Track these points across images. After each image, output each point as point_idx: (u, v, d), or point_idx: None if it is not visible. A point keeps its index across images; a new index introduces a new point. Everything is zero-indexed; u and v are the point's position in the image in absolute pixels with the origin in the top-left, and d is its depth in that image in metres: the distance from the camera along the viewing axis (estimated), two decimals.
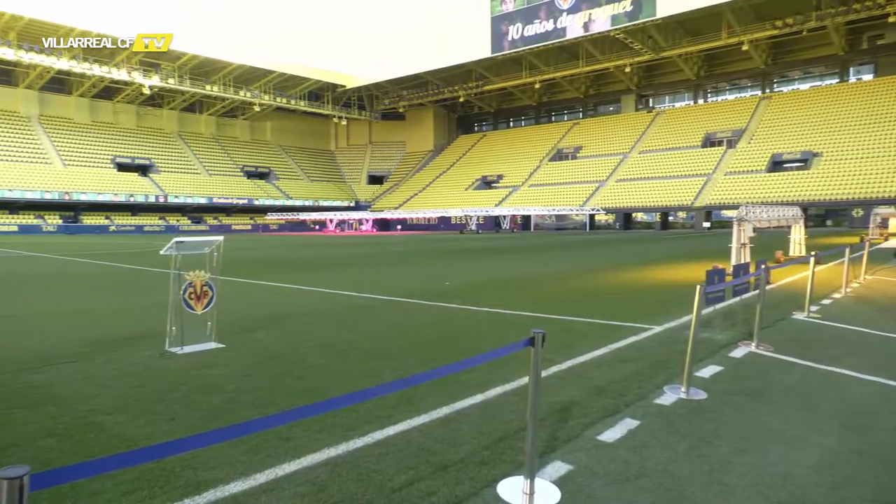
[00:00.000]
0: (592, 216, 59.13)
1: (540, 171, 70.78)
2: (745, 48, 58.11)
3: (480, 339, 6.85)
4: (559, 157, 72.97)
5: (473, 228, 57.34)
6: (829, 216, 48.13)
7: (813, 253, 8.93)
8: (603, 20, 57.48)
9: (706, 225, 51.18)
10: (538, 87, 74.54)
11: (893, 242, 24.90)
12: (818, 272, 10.41)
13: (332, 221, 67.64)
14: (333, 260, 20.90)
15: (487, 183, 73.49)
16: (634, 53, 62.96)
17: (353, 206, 79.16)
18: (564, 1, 59.67)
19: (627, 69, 67.06)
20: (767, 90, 65.94)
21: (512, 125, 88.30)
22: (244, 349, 6.24)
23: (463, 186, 74.16)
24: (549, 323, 7.71)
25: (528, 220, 63.64)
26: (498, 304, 9.42)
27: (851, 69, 61.37)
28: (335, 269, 17.12)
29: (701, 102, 70.43)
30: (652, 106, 74.60)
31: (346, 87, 78.09)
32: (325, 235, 53.75)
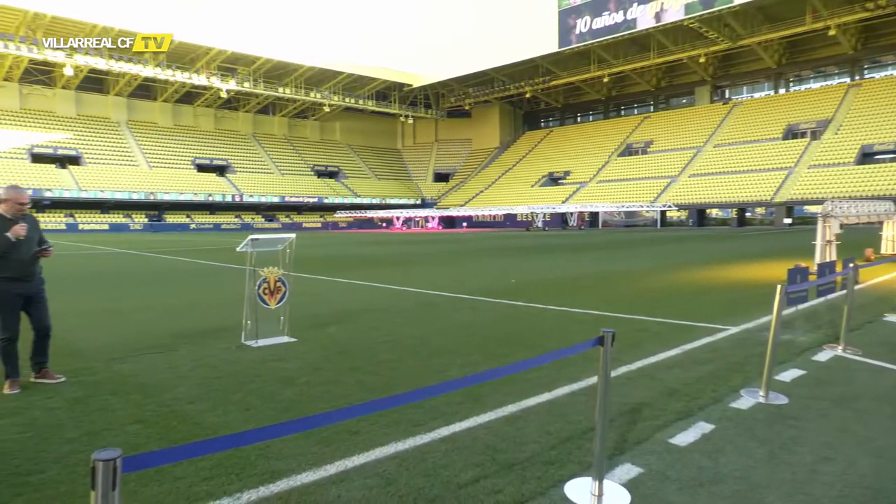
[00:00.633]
0: (664, 213, 57.29)
1: (609, 166, 69.20)
2: (832, 33, 54.56)
3: (546, 337, 6.78)
4: (629, 152, 71.08)
5: (540, 226, 56.74)
6: None
7: None
8: (676, 9, 55.42)
9: (787, 221, 48.56)
10: (607, 80, 72.81)
11: None
12: None
13: (398, 219, 68.59)
14: (400, 257, 21.19)
15: (554, 179, 72.52)
16: (710, 43, 60.41)
17: (419, 203, 79.97)
18: None
19: (702, 59, 64.36)
20: (857, 77, 61.68)
21: (579, 120, 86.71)
22: (315, 343, 6.42)
23: (529, 183, 73.49)
24: (618, 322, 7.54)
25: (596, 216, 62.37)
26: (564, 302, 9.29)
27: None
28: (402, 266, 17.35)
29: (782, 92, 66.74)
30: (728, 97, 71.36)
31: (412, 86, 78.92)
32: (391, 233, 54.59)
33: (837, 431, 3.76)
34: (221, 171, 70.72)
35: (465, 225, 71.42)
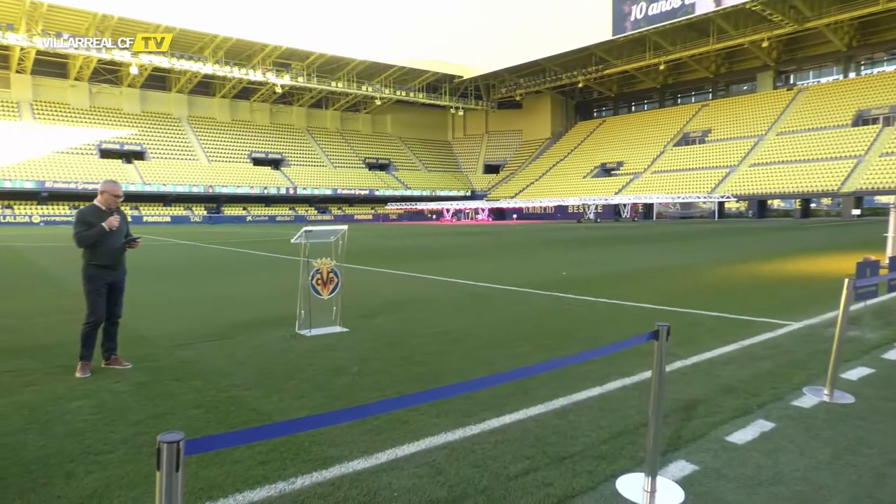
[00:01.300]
0: (721, 204, 55.43)
1: (664, 156, 67.38)
2: None
3: (598, 330, 6.68)
4: (685, 141, 68.99)
5: (592, 217, 55.83)
6: None
7: None
8: None
9: (856, 212, 46.21)
10: (663, 68, 70.70)
11: None
12: None
13: (448, 211, 68.74)
14: (450, 249, 21.25)
15: (607, 170, 71.16)
16: (773, 26, 57.83)
17: (468, 195, 79.94)
18: None
19: (765, 44, 61.64)
20: None
21: (633, 109, 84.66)
22: (366, 334, 6.52)
23: (581, 174, 72.37)
24: (672, 316, 7.35)
25: (650, 208, 60.91)
26: (617, 295, 9.12)
27: None
28: (452, 258, 17.40)
29: (852, 76, 63.27)
30: (793, 83, 68.22)
31: (462, 77, 78.74)
32: (441, 225, 54.78)
33: None
34: (276, 164, 72.48)
35: (515, 217, 71.01)
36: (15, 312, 8.12)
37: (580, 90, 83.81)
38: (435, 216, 73.36)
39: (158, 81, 69.23)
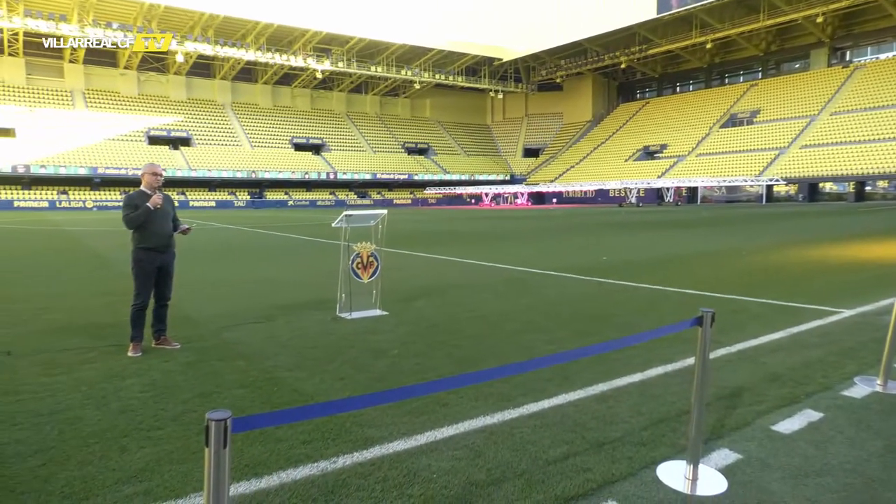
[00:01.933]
0: (770, 187, 53.62)
1: (710, 138, 65.44)
2: None
3: (638, 316, 6.58)
4: (732, 122, 66.80)
5: (633, 201, 54.80)
6: None
7: None
8: None
9: None
10: (710, 46, 68.28)
11: None
12: None
13: (487, 195, 68.46)
14: (489, 233, 21.19)
15: (650, 153, 69.58)
16: (828, 0, 55.21)
17: (508, 179, 79.39)
18: None
19: (819, 19, 58.82)
20: None
21: (678, 90, 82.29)
22: (406, 317, 6.58)
23: (623, 157, 70.97)
24: (716, 302, 7.19)
25: (694, 192, 59.39)
26: (658, 280, 8.96)
27: None
28: (491, 242, 17.35)
29: None
30: (849, 60, 65.10)
31: (502, 60, 77.83)
32: (480, 209, 54.61)
33: None
34: (317, 149, 73.31)
35: (554, 201, 70.26)
36: (72, 294, 8.48)
37: (623, 71, 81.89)
38: (474, 200, 73.14)
39: (203, 69, 70.59)
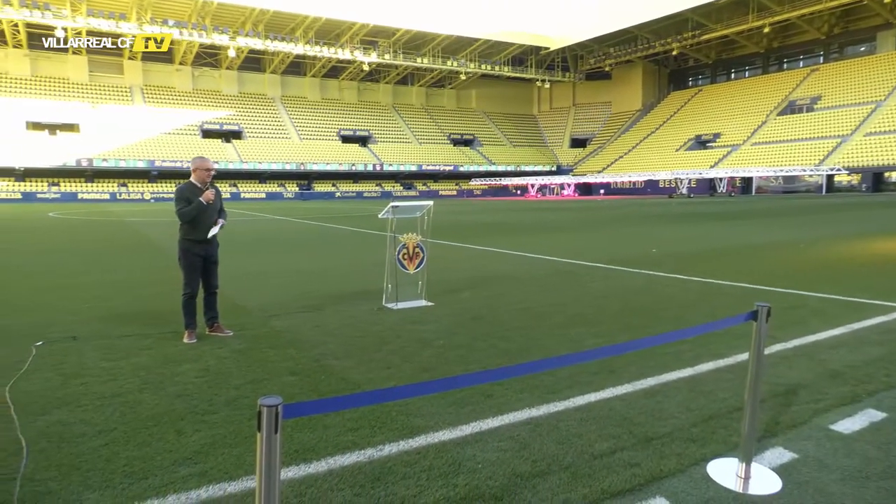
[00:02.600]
0: (830, 177, 51.34)
1: (766, 127, 63.05)
2: None
3: (688, 310, 6.42)
4: (791, 109, 64.14)
5: (684, 192, 53.37)
6: None
7: None
8: None
9: None
10: (768, 30, 65.53)
11: None
12: None
13: (533, 186, 67.85)
14: (535, 224, 21.02)
15: (702, 142, 67.55)
16: None
17: (554, 170, 78.44)
18: None
19: None
20: None
21: (733, 77, 79.47)
22: (451, 308, 6.60)
23: (673, 147, 69.14)
24: (772, 296, 6.94)
25: (749, 182, 57.41)
26: (710, 273, 8.72)
27: None
28: (537, 233, 17.21)
29: None
30: None
31: (549, 49, 76.70)
32: (526, 200, 54.19)
33: None
34: (364, 141, 74.06)
35: (602, 192, 69.11)
36: (131, 282, 8.84)
37: (674, 58, 79.56)
38: (519, 191, 72.60)
39: (254, 63, 72.17)
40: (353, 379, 4.23)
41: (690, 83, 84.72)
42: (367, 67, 71.12)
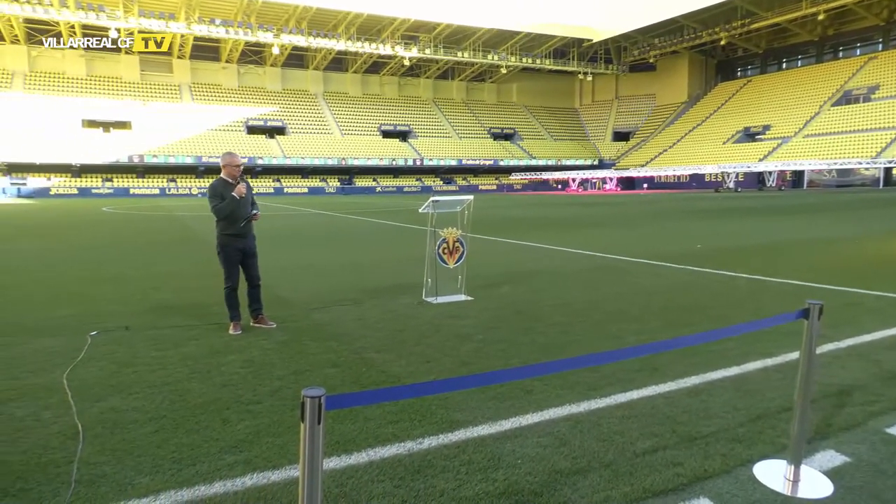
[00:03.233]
0: (888, 170, 49.09)
1: (819, 118, 60.66)
2: None
3: (735, 307, 6.25)
4: (846, 99, 61.49)
5: (731, 186, 51.89)
6: None
7: None
8: None
9: None
10: (822, 17, 62.76)
11: None
12: None
13: (574, 180, 67.00)
14: (576, 219, 20.77)
15: (750, 135, 65.44)
16: None
17: (596, 164, 77.25)
18: None
19: None
20: None
21: (784, 66, 76.57)
22: (491, 303, 6.59)
23: (720, 140, 67.21)
24: (824, 294, 6.70)
25: (800, 176, 55.38)
26: (758, 269, 8.46)
27: None
28: (578, 228, 17.00)
29: None
30: None
31: (592, 41, 75.42)
32: (567, 195, 53.57)
33: None
34: (404, 136, 74.42)
35: (645, 186, 67.77)
36: (178, 274, 9.12)
37: (722, 48, 77.15)
38: (560, 186, 71.80)
39: (297, 60, 73.23)
40: (393, 372, 4.27)
41: (739, 74, 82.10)
42: (407, 62, 71.32)
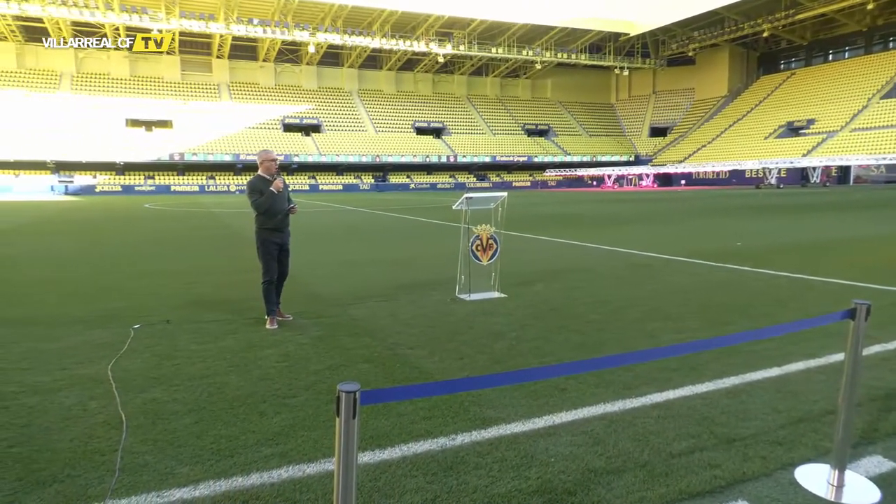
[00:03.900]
0: None
1: (867, 111, 58.49)
2: None
3: (777, 306, 6.08)
4: None
5: (773, 182, 50.49)
6: None
7: None
8: None
9: None
10: (872, 6, 60.35)
11: None
12: None
13: (609, 177, 66.14)
14: (612, 216, 20.50)
15: (794, 129, 63.51)
16: None
17: (632, 160, 76.04)
18: None
19: None
20: None
21: (831, 58, 73.97)
22: (524, 300, 6.56)
23: (762, 135, 65.41)
24: (871, 294, 6.47)
25: (846, 171, 53.58)
26: (801, 268, 8.22)
27: None
28: (614, 225, 16.79)
29: None
30: None
31: (629, 34, 74.14)
32: (602, 191, 52.90)
33: None
34: (438, 133, 74.53)
35: (683, 183, 66.49)
36: (216, 269, 9.32)
37: (765, 40, 74.91)
38: (595, 182, 70.97)
39: (332, 58, 74.01)
40: (426, 368, 4.29)
41: (782, 66, 79.68)
42: (441, 59, 71.37)
